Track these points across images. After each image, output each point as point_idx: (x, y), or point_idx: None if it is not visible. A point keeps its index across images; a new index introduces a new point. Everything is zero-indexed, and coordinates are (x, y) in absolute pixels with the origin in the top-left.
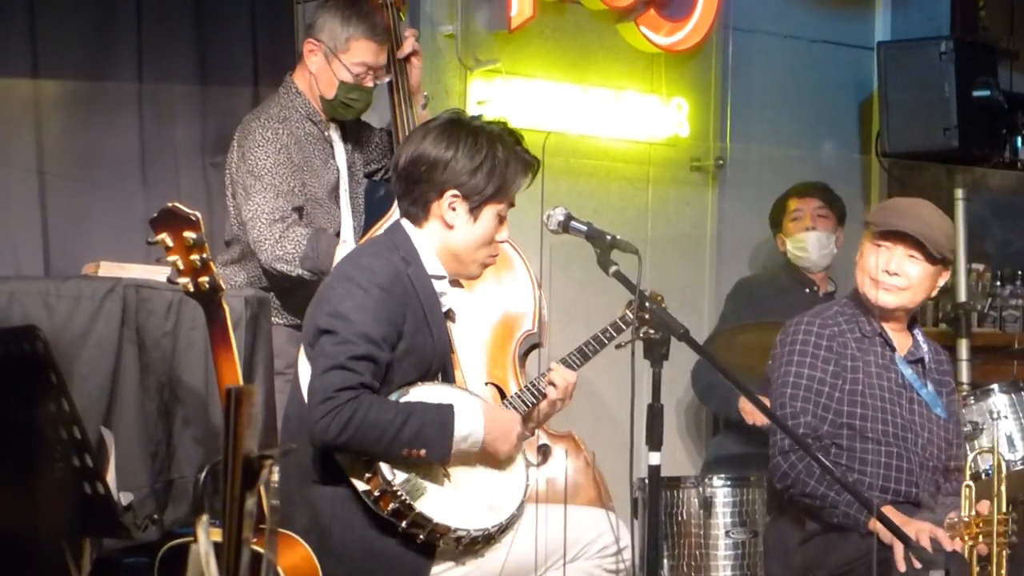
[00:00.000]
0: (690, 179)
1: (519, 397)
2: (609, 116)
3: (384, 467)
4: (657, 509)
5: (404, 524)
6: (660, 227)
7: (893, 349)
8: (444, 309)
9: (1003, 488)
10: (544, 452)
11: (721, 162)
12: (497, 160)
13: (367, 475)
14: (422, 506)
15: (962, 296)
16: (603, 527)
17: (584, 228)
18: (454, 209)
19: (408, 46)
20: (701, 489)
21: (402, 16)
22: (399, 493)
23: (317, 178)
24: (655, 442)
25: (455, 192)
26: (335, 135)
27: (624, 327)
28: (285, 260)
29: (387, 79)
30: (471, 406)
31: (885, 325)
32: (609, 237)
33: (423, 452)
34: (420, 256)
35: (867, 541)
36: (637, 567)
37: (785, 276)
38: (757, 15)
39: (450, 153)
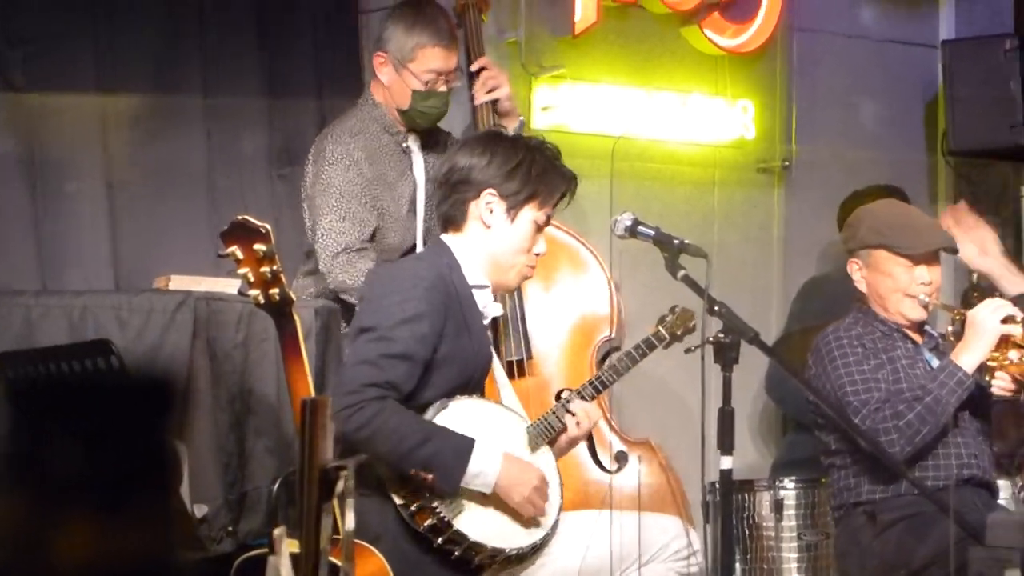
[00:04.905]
0: (757, 181)
1: (544, 423)
2: (675, 119)
3: None
4: (730, 513)
5: (440, 540)
6: (727, 230)
7: (915, 342)
8: (486, 320)
9: None
10: (620, 459)
11: (787, 164)
12: (534, 166)
13: (404, 490)
14: (460, 524)
15: None
16: (675, 531)
17: (651, 233)
18: (491, 210)
19: (489, 81)
20: (773, 492)
21: (484, 19)
22: (438, 509)
23: (392, 191)
24: (727, 446)
25: (491, 191)
26: (414, 146)
27: (656, 344)
28: (347, 292)
29: (459, 83)
30: (492, 448)
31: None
32: (677, 241)
33: (431, 477)
34: (462, 266)
35: (952, 527)
36: (710, 571)
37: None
38: (821, 15)
39: (487, 157)
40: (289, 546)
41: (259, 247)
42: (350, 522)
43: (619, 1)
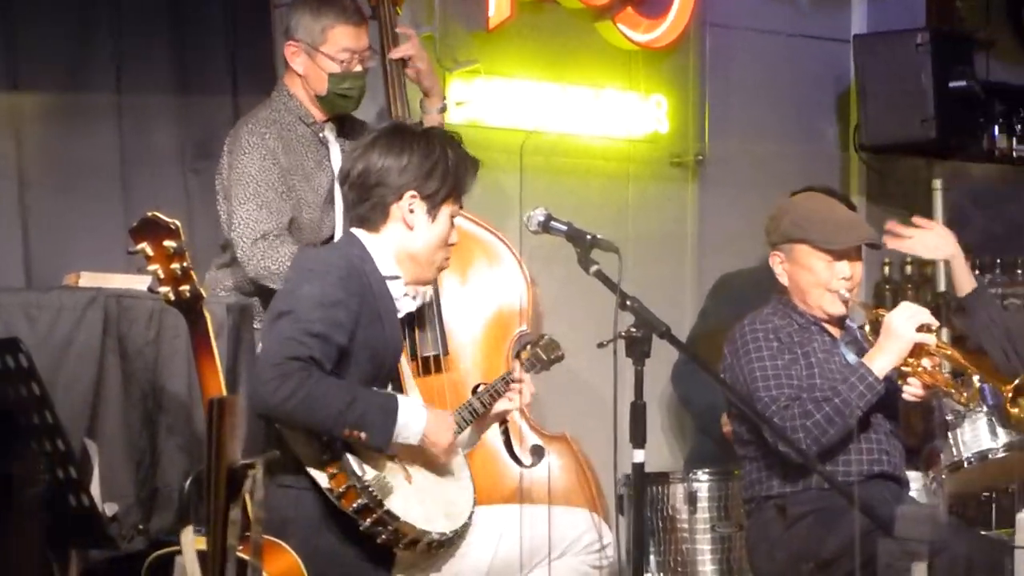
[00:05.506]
0: (670, 175)
1: (455, 417)
2: (588, 114)
3: (352, 462)
4: (642, 506)
5: (368, 521)
6: (641, 224)
7: (832, 336)
8: (401, 314)
9: None
10: (536, 452)
11: (701, 158)
12: (449, 161)
13: (331, 470)
14: (390, 504)
15: (941, 286)
16: (585, 526)
17: (564, 228)
18: (413, 211)
19: (407, 50)
20: (686, 484)
21: (398, 11)
22: (371, 489)
23: (309, 181)
24: (639, 439)
25: (413, 193)
26: (331, 136)
27: (530, 369)
28: (269, 278)
29: (373, 63)
30: (415, 402)
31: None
32: (589, 236)
33: (363, 435)
34: (374, 259)
35: (861, 520)
36: (623, 564)
37: (767, 274)
38: (734, 10)
39: (405, 157)
40: (197, 543)
41: (169, 243)
42: (260, 517)
43: None
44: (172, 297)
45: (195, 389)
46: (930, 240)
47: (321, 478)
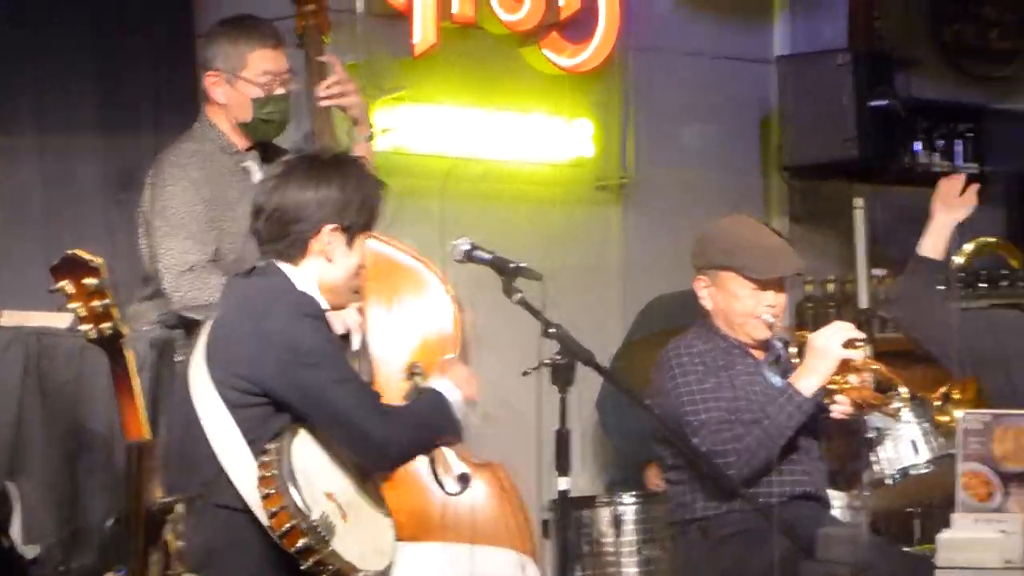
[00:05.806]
0: (596, 199)
1: None
2: (515, 139)
3: (298, 500)
4: (566, 534)
5: (310, 562)
6: (568, 248)
7: (755, 359)
8: None
9: None
10: (463, 480)
11: (625, 181)
12: (365, 190)
13: (271, 507)
14: (335, 544)
15: (863, 303)
16: (510, 567)
17: (488, 257)
18: (331, 243)
19: (335, 86)
20: (612, 507)
21: (325, 40)
22: (318, 528)
23: (232, 211)
24: (563, 467)
25: (333, 226)
26: (254, 165)
27: None
28: (196, 310)
29: (295, 85)
30: (441, 383)
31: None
32: (513, 265)
33: (450, 435)
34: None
35: (783, 542)
36: None
37: (694, 297)
38: (658, 33)
39: (323, 190)
40: None
41: (90, 281)
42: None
43: (458, 22)
44: (93, 335)
45: (117, 427)
46: (958, 201)
47: (261, 515)
